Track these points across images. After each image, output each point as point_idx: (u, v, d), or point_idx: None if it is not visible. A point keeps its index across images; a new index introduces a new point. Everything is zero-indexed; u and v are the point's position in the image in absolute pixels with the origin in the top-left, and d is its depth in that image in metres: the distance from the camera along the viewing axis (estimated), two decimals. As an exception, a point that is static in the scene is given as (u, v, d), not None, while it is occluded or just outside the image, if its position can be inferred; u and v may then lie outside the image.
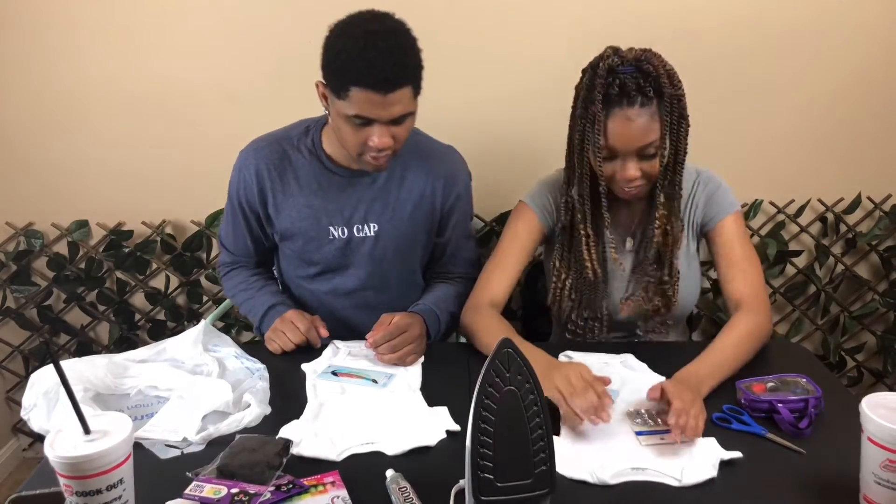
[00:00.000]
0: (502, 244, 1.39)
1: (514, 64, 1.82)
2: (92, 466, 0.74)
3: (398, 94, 1.16)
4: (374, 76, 1.13)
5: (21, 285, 2.00)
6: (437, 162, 1.41)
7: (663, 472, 0.91)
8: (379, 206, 1.38)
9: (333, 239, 1.38)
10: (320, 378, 1.19)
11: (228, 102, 1.85)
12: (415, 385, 1.18)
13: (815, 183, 1.95)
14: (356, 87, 1.14)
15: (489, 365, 0.74)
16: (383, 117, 1.18)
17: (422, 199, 1.39)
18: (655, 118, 1.18)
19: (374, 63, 1.12)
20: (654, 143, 1.19)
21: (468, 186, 1.47)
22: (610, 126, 1.18)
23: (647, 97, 1.16)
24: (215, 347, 1.22)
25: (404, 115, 1.20)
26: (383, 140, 1.20)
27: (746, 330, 1.21)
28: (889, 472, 0.79)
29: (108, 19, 1.78)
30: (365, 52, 1.12)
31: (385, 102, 1.15)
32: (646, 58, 1.17)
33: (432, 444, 0.99)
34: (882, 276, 2.06)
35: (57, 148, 1.91)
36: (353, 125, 1.20)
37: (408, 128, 1.25)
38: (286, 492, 0.87)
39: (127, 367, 1.14)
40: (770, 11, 1.77)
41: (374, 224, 1.38)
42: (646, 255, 1.32)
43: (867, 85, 1.86)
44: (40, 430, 0.99)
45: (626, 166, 1.21)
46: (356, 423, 1.05)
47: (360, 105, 1.16)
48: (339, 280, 1.44)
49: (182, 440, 0.98)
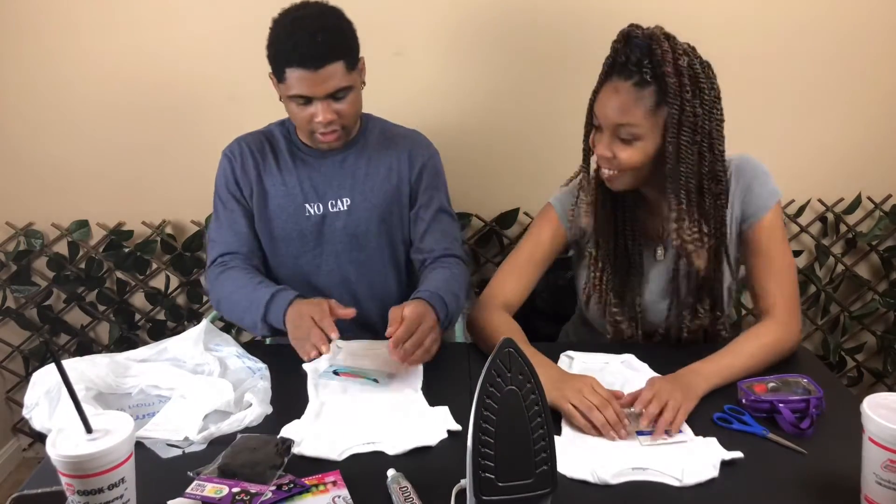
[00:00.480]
0: (523, 247, 1.36)
1: (514, 63, 1.82)
2: (94, 465, 0.74)
3: (329, 70, 1.24)
4: (302, 54, 1.23)
5: (21, 285, 2.00)
6: (401, 139, 1.48)
7: (664, 472, 0.91)
8: (349, 181, 1.44)
9: (310, 216, 1.43)
10: (322, 378, 1.19)
11: (228, 102, 1.85)
12: (416, 385, 1.18)
13: (815, 183, 1.96)
14: (289, 67, 1.24)
15: (490, 365, 0.74)
16: (318, 93, 1.26)
17: (389, 171, 1.45)
18: (642, 104, 1.10)
19: (301, 42, 1.22)
20: (632, 128, 1.12)
21: (434, 159, 1.49)
22: (601, 93, 1.16)
23: (643, 78, 1.09)
24: (217, 347, 1.22)
25: (340, 89, 1.27)
26: (325, 115, 1.28)
27: (772, 340, 1.17)
28: (890, 472, 0.79)
29: (109, 19, 1.78)
30: (292, 35, 1.24)
31: (317, 78, 1.24)
32: (657, 40, 1.09)
33: (433, 443, 0.99)
34: (882, 276, 2.06)
35: (57, 148, 1.91)
36: (297, 104, 1.29)
37: (352, 102, 1.32)
38: (287, 491, 0.87)
39: (128, 367, 1.14)
40: (770, 11, 1.78)
41: (347, 199, 1.43)
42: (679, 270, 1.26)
43: (867, 85, 1.86)
44: (42, 429, 0.99)
45: (601, 141, 1.17)
46: (357, 422, 1.05)
47: (296, 84, 1.25)
48: (319, 259, 1.45)
49: (183, 439, 0.98)
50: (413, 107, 1.62)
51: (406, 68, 1.82)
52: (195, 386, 1.08)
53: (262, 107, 1.83)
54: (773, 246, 1.23)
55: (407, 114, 1.55)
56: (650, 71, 1.09)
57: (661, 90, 1.10)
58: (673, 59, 1.09)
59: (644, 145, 1.14)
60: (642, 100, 1.10)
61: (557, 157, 1.39)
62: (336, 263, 1.46)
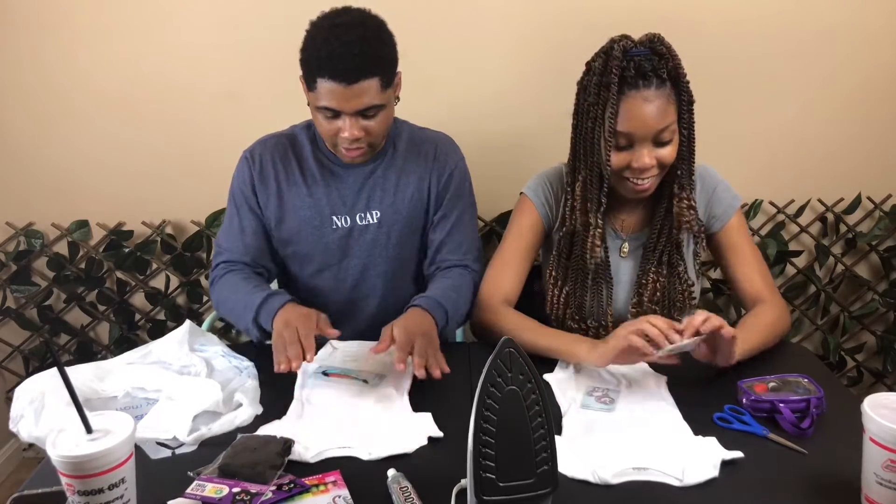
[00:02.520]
0: (508, 241, 1.38)
1: (514, 63, 1.82)
2: (94, 465, 0.74)
3: (363, 86, 1.18)
4: (336, 66, 1.16)
5: (21, 285, 2.00)
6: (429, 145, 1.43)
7: (665, 472, 0.91)
8: (379, 193, 1.39)
9: (336, 228, 1.39)
10: (310, 379, 1.18)
11: (228, 102, 1.85)
12: (403, 389, 1.15)
13: (815, 183, 1.96)
14: (321, 78, 1.18)
15: (491, 365, 0.74)
16: (348, 109, 1.20)
17: (420, 181, 1.41)
18: (671, 101, 1.16)
19: (335, 53, 1.15)
20: (671, 126, 1.17)
21: (461, 166, 1.45)
22: (626, 109, 1.15)
23: (661, 79, 1.15)
24: (202, 347, 1.21)
25: (371, 107, 1.21)
26: (353, 131, 1.22)
27: (772, 319, 1.24)
28: (891, 472, 0.79)
29: (108, 19, 1.78)
30: (327, 44, 1.16)
31: (349, 94, 1.18)
32: (658, 40, 1.17)
33: (411, 450, 0.98)
34: (882, 276, 2.06)
35: (57, 148, 1.91)
36: (324, 116, 1.23)
37: (382, 121, 1.26)
38: (287, 491, 0.87)
39: (111, 371, 1.12)
40: (771, 11, 1.78)
41: (377, 211, 1.39)
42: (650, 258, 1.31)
43: (867, 85, 1.86)
44: (30, 439, 0.97)
45: (642, 154, 1.17)
46: (337, 425, 1.04)
47: (326, 96, 1.19)
48: (344, 273, 1.42)
49: (172, 439, 0.98)
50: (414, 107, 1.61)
51: (406, 68, 1.81)
52: (182, 387, 1.07)
53: (261, 106, 1.83)
54: (744, 240, 1.32)
55: (408, 114, 1.54)
56: (665, 70, 1.16)
57: (675, 83, 1.17)
58: (672, 53, 1.17)
59: (676, 139, 1.20)
60: (668, 97, 1.17)
61: (558, 158, 1.39)
62: (361, 277, 1.43)
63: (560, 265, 1.34)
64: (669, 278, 1.31)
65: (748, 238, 1.33)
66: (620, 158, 1.19)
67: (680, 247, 1.30)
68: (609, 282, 1.32)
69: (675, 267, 1.31)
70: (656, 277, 1.30)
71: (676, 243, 1.29)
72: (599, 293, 1.33)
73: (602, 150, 1.21)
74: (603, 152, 1.21)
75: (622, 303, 1.35)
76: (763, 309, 1.27)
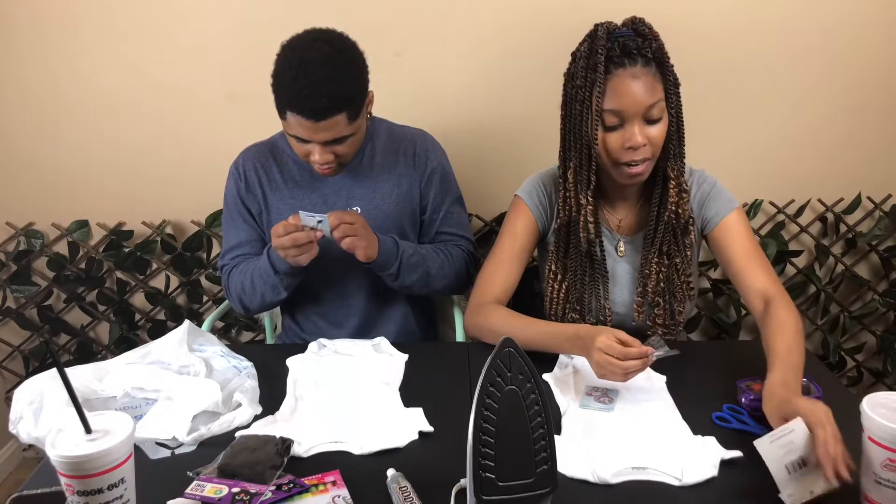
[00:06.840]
0: (501, 243, 1.38)
1: (514, 63, 1.82)
2: (93, 465, 0.74)
3: (330, 122, 1.21)
4: (304, 105, 1.19)
5: (21, 285, 2.00)
6: (408, 142, 1.46)
7: (664, 472, 0.91)
8: (359, 189, 1.42)
9: None
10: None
11: (228, 103, 1.85)
12: (394, 383, 1.17)
13: (815, 183, 1.96)
14: (289, 111, 1.21)
15: (490, 364, 0.74)
16: (317, 140, 1.24)
17: (399, 178, 1.44)
18: (658, 79, 1.18)
19: (303, 93, 1.18)
20: (660, 103, 1.18)
21: (442, 161, 1.49)
22: (614, 86, 1.16)
23: (647, 58, 1.17)
24: (200, 347, 1.21)
25: (341, 137, 1.25)
26: (324, 157, 1.26)
27: (797, 328, 1.13)
28: (890, 471, 0.79)
29: (109, 20, 1.78)
30: (295, 83, 1.18)
31: (317, 128, 1.21)
32: (641, 21, 1.20)
33: (402, 445, 0.99)
34: (882, 276, 2.06)
35: (57, 148, 1.91)
36: (295, 140, 1.27)
37: (352, 144, 1.30)
38: (287, 491, 0.87)
39: (110, 371, 1.12)
40: (770, 12, 1.78)
41: (357, 207, 1.42)
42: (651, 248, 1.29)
43: (867, 85, 1.86)
44: (29, 440, 0.97)
45: (633, 131, 1.17)
46: (328, 421, 1.05)
47: (294, 128, 1.23)
48: (325, 268, 1.43)
49: (171, 439, 0.98)
50: (413, 107, 1.63)
51: (406, 68, 1.82)
52: (181, 387, 1.07)
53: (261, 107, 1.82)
54: (746, 236, 1.29)
55: (407, 114, 1.55)
56: (649, 50, 1.17)
57: (659, 63, 1.19)
58: (654, 34, 1.19)
59: (665, 118, 1.20)
60: (655, 75, 1.18)
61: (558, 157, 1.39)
62: (348, 273, 1.45)
63: (559, 259, 1.34)
64: (668, 270, 1.31)
65: (749, 233, 1.30)
66: (613, 140, 1.19)
67: (677, 237, 1.29)
68: (605, 276, 1.32)
69: (673, 258, 1.31)
70: (658, 268, 1.30)
71: (673, 232, 1.29)
72: (597, 289, 1.33)
73: (590, 131, 1.21)
74: (591, 131, 1.20)
75: (622, 304, 1.35)
76: (782, 318, 1.14)
